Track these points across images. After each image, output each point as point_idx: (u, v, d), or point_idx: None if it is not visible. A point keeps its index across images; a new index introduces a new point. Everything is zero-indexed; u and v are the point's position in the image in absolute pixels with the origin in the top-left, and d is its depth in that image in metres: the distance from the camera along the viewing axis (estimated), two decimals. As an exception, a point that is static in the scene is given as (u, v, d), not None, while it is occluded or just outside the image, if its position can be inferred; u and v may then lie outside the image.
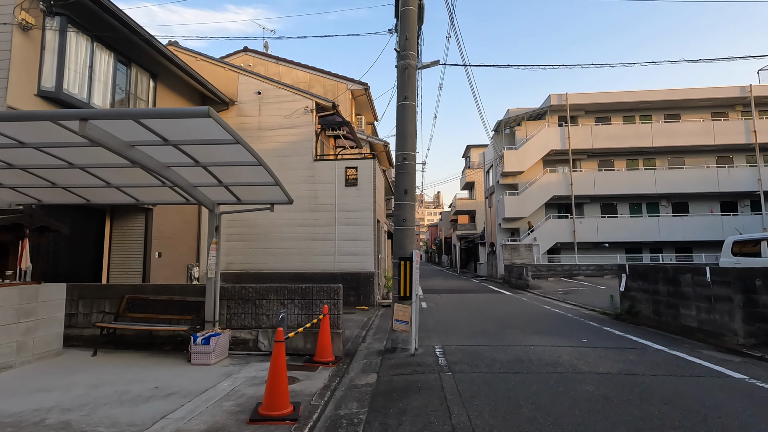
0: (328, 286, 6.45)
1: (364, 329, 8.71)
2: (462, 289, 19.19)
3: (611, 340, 7.42)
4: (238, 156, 4.94)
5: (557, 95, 25.44)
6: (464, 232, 43.51)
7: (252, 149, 4.85)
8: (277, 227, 13.13)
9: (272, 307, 6.47)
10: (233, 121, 13.69)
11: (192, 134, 4.44)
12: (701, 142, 24.33)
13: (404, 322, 6.45)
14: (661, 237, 24.08)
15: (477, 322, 9.65)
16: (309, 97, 13.62)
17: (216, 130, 4.18)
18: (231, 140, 4.43)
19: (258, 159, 5.02)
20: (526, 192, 25.09)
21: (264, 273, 12.93)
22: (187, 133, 4.44)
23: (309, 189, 13.20)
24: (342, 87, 18.83)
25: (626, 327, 8.85)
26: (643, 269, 9.49)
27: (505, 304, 13.24)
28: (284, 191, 6.08)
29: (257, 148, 14.04)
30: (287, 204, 6.46)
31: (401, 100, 6.82)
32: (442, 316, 10.75)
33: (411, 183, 6.73)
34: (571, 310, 11.81)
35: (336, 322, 6.34)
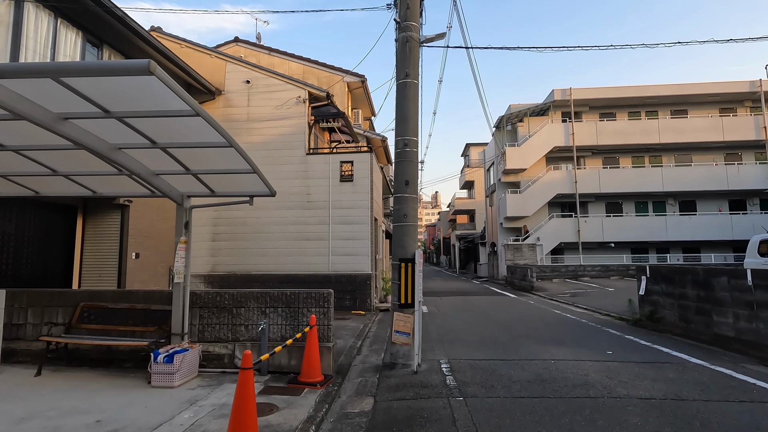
0: (316, 292, 5.54)
1: (359, 338, 7.80)
2: (464, 291, 18.31)
3: (639, 352, 6.54)
4: (203, 134, 4.04)
5: (561, 90, 24.60)
6: (463, 231, 42.66)
7: (218, 125, 3.95)
8: (267, 226, 12.21)
9: (252, 316, 5.55)
10: (220, 111, 12.77)
11: (140, 103, 3.53)
12: (710, 139, 23.53)
13: (405, 333, 5.55)
14: (668, 237, 23.27)
15: (484, 328, 8.76)
16: (301, 87, 12.71)
17: (166, 95, 3.26)
18: (189, 111, 3.52)
19: (228, 139, 4.12)
20: (529, 190, 24.24)
21: (253, 275, 12.01)
22: (134, 103, 3.53)
23: (301, 185, 12.29)
24: (337, 79, 17.94)
25: (650, 335, 7.97)
26: (666, 271, 8.62)
27: (512, 308, 12.36)
28: (264, 181, 5.18)
29: (245, 141, 13.14)
30: (269, 196, 5.55)
31: (401, 77, 5.92)
32: (446, 321, 9.86)
33: (413, 172, 5.84)
34: (583, 314, 10.93)
35: (326, 334, 5.44)
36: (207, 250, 12.28)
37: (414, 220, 5.81)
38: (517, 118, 25.64)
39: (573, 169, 24.16)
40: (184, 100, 3.33)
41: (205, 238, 12.31)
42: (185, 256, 5.42)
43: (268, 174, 12.66)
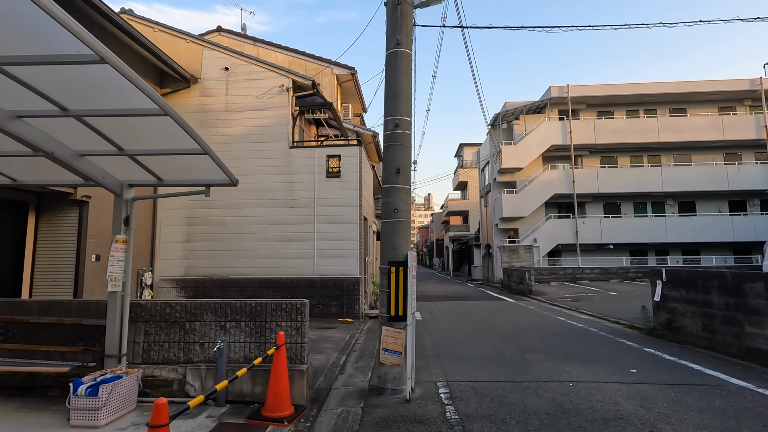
0: (288, 302, 4.56)
1: (344, 353, 6.81)
2: (459, 295, 17.39)
3: (668, 369, 5.63)
4: (129, 98, 3.04)
5: (558, 87, 23.87)
6: (457, 233, 41.85)
7: (146, 85, 2.95)
8: (246, 226, 11.18)
9: (209, 332, 4.55)
10: (195, 101, 11.73)
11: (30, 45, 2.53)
12: (709, 138, 22.93)
13: (395, 353, 4.59)
14: (668, 238, 22.60)
15: (485, 340, 7.82)
16: (284, 74, 11.71)
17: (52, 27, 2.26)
18: (93, 57, 2.52)
19: (162, 105, 3.12)
20: (526, 190, 23.44)
21: (230, 279, 10.97)
22: (19, 45, 2.52)
23: (284, 180, 11.28)
24: (326, 71, 16.97)
25: (670, 347, 7.10)
26: (687, 275, 7.76)
27: (512, 314, 11.44)
28: (221, 165, 4.19)
29: (224, 132, 12.11)
30: (229, 185, 4.55)
31: (392, 46, 4.97)
32: (442, 330, 8.91)
33: (405, 159, 4.89)
34: (590, 322, 10.05)
35: (299, 354, 4.45)
36: (180, 252, 11.21)
37: (406, 215, 4.86)
38: (513, 116, 24.86)
39: (571, 169, 23.41)
40: (85, 43, 2.33)
41: (178, 239, 11.24)
42: (124, 259, 4.40)
43: (248, 169, 11.70)
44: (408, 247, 4.84)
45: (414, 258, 4.85)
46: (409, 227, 4.90)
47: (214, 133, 11.58)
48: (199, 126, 11.60)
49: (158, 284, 11.07)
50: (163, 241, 11.24)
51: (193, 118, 11.62)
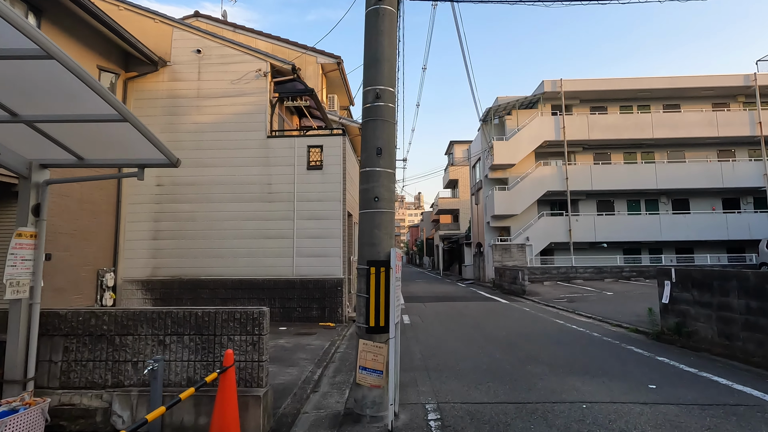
0: (243, 312, 3.71)
1: (320, 365, 5.97)
2: (449, 296, 16.63)
3: (690, 384, 4.90)
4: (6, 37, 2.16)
5: (551, 81, 23.25)
6: (447, 232, 41.20)
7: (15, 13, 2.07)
8: (220, 222, 10.26)
9: (144, 349, 3.68)
10: (164, 86, 10.76)
11: None
12: (704, 134, 22.52)
13: (375, 372, 3.77)
14: (662, 236, 22.13)
15: (480, 347, 7.04)
16: (262, 58, 10.81)
17: None
18: None
19: (42, 43, 2.24)
20: (518, 187, 22.79)
21: (202, 280, 10.05)
22: None
23: (261, 173, 10.39)
24: (311, 60, 16.07)
25: (684, 355, 6.40)
26: (702, 275, 7.06)
27: (507, 317, 10.70)
28: (152, 139, 3.33)
29: (196, 120, 11.13)
30: (168, 166, 3.69)
31: (372, 2, 4.14)
32: (431, 336, 8.11)
33: (388, 137, 4.06)
34: (591, 325, 9.35)
35: (255, 376, 3.61)
36: (147, 251, 10.24)
37: (389, 204, 4.04)
38: (505, 111, 24.20)
39: (564, 165, 22.81)
40: None
41: (144, 237, 10.28)
42: (35, 258, 3.49)
43: (222, 160, 10.73)
44: (391, 244, 4.02)
45: (399, 256, 4.03)
46: (392, 220, 4.08)
47: (185, 121, 10.65)
48: (168, 113, 10.67)
49: (122, 286, 10.09)
50: (127, 239, 10.26)
51: (162, 105, 10.68)
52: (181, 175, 10.44)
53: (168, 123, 10.62)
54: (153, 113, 10.63)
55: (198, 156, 10.48)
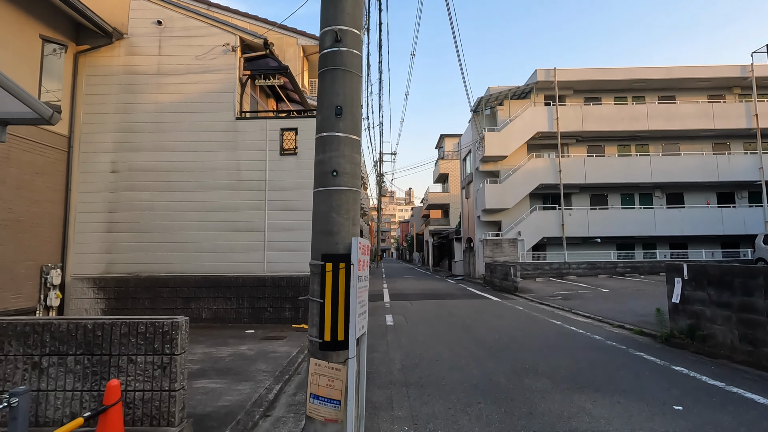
0: (149, 324, 2.74)
1: (281, 378, 5.02)
2: (438, 293, 15.77)
3: (723, 404, 4.05)
4: None
5: (544, 70, 22.43)
6: (437, 227, 40.45)
7: None
8: (183, 213, 9.23)
9: (13, 374, 2.69)
10: (120, 61, 9.64)
11: None
12: (699, 126, 21.92)
13: (331, 402, 2.83)
14: (657, 231, 21.54)
15: (469, 353, 6.15)
16: (231, 31, 9.74)
17: None
18: None
19: None
20: (510, 180, 21.98)
21: (162, 277, 9.03)
22: None
23: (229, 158, 9.36)
24: (291, 42, 15.02)
25: (702, 363, 5.58)
26: (720, 272, 6.25)
27: (499, 317, 9.85)
28: (13, 89, 2.30)
29: (156, 100, 9.96)
30: (41, 123, 2.69)
31: None
32: (415, 340, 7.21)
33: (352, 92, 3.11)
34: (591, 326, 8.53)
35: (165, 411, 2.65)
36: (100, 245, 9.17)
37: (353, 181, 3.10)
38: (497, 101, 23.34)
39: (557, 157, 22.05)
40: None
41: (97, 229, 9.20)
42: None
43: (185, 144, 9.57)
44: (354, 232, 3.08)
45: (364, 249, 3.10)
46: (356, 201, 3.14)
47: (144, 100, 9.56)
48: (124, 92, 9.57)
49: (71, 284, 9.01)
50: (78, 231, 9.17)
51: (118, 82, 9.58)
52: (140, 160, 9.39)
53: (124, 102, 9.53)
54: (107, 91, 9.54)
55: (158, 139, 9.42)
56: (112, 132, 9.48)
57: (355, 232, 3.08)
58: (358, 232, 3.12)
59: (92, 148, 9.40)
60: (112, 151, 9.43)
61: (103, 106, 9.53)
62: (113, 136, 9.46)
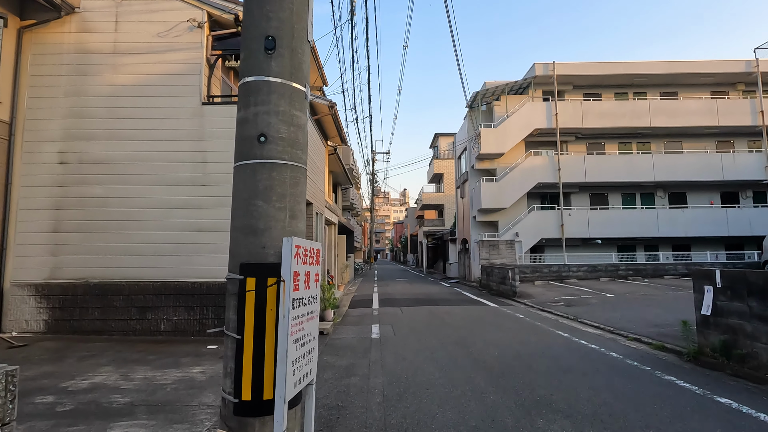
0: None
1: (227, 418, 3.91)
2: (431, 298, 14.73)
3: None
4: None
5: (543, 64, 21.51)
6: (431, 228, 39.45)
7: None
8: (140, 210, 8.10)
9: None
10: (71, 38, 8.51)
11: None
12: (703, 123, 21.09)
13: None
14: (659, 232, 20.66)
15: (468, 379, 5.09)
16: (197, 5, 8.63)
17: None
18: None
19: None
20: (507, 178, 21.01)
21: (116, 284, 7.89)
22: None
23: (194, 149, 8.25)
24: (273, 28, 13.91)
25: (752, 393, 4.58)
26: (764, 280, 5.24)
27: (498, 328, 8.82)
28: None
29: (112, 82, 8.55)
30: None
31: None
32: (403, 359, 6.14)
33: (293, 17, 2.06)
34: (603, 339, 7.52)
35: None
36: (44, 247, 8.02)
37: (292, 152, 2.05)
38: (493, 96, 22.38)
39: (556, 155, 21.12)
40: None
41: (41, 228, 8.05)
42: None
43: (144, 132, 7.53)
44: (295, 229, 2.02)
45: (311, 254, 2.04)
46: (299, 184, 2.10)
47: (98, 82, 8.43)
48: (76, 73, 8.43)
49: (10, 291, 7.86)
50: (19, 231, 8.02)
51: (68, 62, 8.44)
52: (91, 150, 8.26)
53: (75, 85, 8.40)
54: (56, 72, 8.40)
55: (113, 127, 8.30)
56: (61, 118, 8.34)
57: (295, 229, 2.01)
58: (300, 230, 2.05)
59: (37, 136, 8.26)
60: (61, 140, 8.28)
61: (50, 89, 8.39)
62: (62, 123, 8.32)
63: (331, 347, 7.17)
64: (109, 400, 4.37)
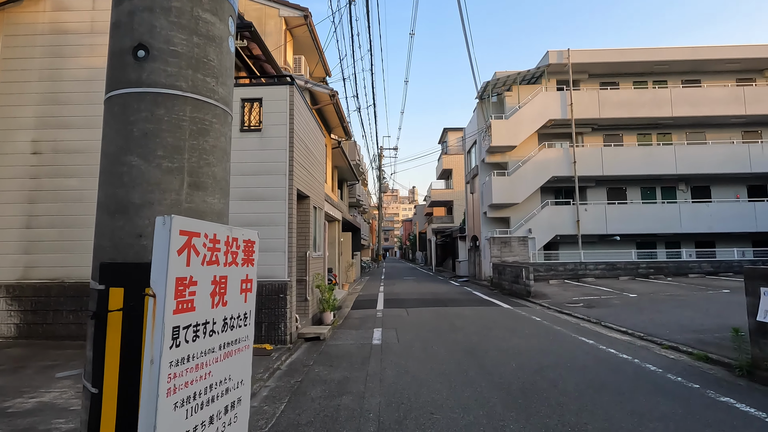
0: None
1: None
2: (440, 298, 13.88)
3: None
4: None
5: (557, 52, 20.45)
6: (440, 225, 38.49)
7: None
8: (120, 203, 7.37)
9: None
10: (45, 18, 7.84)
11: None
12: (729, 112, 19.85)
13: None
14: (682, 228, 19.50)
15: (481, 403, 4.27)
16: (180, -21, 7.88)
17: None
18: None
19: None
20: (519, 172, 20.02)
21: (92, 284, 7.17)
22: None
23: (177, 136, 7.49)
24: (272, 13, 13.30)
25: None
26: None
27: (513, 332, 7.96)
28: None
29: (89, 65, 7.62)
30: None
31: None
32: (405, 373, 5.34)
33: None
34: (635, 348, 6.62)
35: None
36: (15, 244, 7.37)
37: (202, 79, 1.26)
38: (504, 87, 21.37)
39: (571, 147, 20.07)
40: None
41: (13, 224, 7.41)
42: None
43: None
44: (208, 206, 1.21)
45: (236, 248, 1.22)
46: (219, 135, 1.31)
47: (74, 65, 7.75)
48: (51, 55, 7.76)
49: (-19, 290, 7.22)
50: None
51: (42, 43, 7.77)
52: (68, 139, 7.59)
53: (51, 68, 7.73)
54: (30, 54, 7.74)
55: (91, 113, 7.60)
56: (35, 105, 7.67)
57: (201, 207, 1.21)
58: (214, 209, 1.26)
59: (9, 124, 7.61)
60: (34, 128, 7.62)
61: (24, 73, 7.73)
62: (36, 110, 7.66)
63: (325, 356, 6.39)
64: (48, 426, 3.64)
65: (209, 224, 1.14)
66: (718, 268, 18.57)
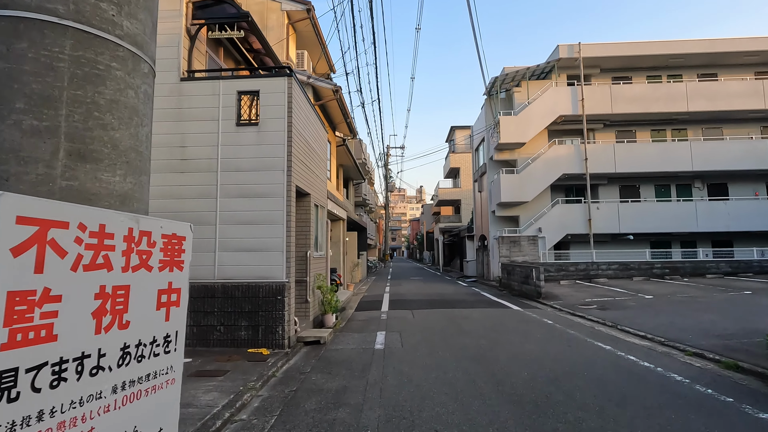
0: None
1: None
2: (447, 299, 13.46)
3: None
4: None
5: (567, 46, 19.89)
6: (448, 224, 37.99)
7: None
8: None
9: None
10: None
11: None
12: (748, 106, 19.16)
13: None
14: (698, 227, 18.85)
15: (492, 419, 3.88)
16: (174, -33, 7.57)
17: None
18: None
19: None
20: (529, 169, 19.51)
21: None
22: None
23: (171, 131, 7.22)
24: (273, 6, 13.00)
25: None
26: None
27: (525, 337, 7.53)
28: None
29: None
30: None
31: None
32: (408, 382, 4.95)
33: None
34: (656, 355, 6.16)
35: None
36: None
37: (92, 2, 0.87)
38: (513, 82, 20.87)
39: (582, 143, 19.50)
40: None
41: None
42: None
43: None
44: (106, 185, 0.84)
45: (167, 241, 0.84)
46: (125, 88, 0.91)
47: (66, 58, 7.45)
48: (41, 48, 7.47)
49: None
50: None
51: (33, 36, 7.48)
52: (58, 134, 7.29)
53: (41, 61, 7.44)
54: (20, 48, 7.45)
55: (82, 108, 7.31)
56: (25, 99, 7.40)
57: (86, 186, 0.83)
58: (119, 190, 0.96)
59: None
60: (25, 124, 7.35)
61: (14, 67, 7.46)
62: (26, 105, 7.38)
63: (324, 362, 6.03)
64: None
65: (91, 210, 0.77)
66: (737, 268, 17.91)
